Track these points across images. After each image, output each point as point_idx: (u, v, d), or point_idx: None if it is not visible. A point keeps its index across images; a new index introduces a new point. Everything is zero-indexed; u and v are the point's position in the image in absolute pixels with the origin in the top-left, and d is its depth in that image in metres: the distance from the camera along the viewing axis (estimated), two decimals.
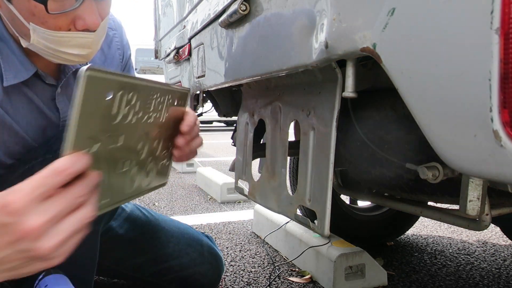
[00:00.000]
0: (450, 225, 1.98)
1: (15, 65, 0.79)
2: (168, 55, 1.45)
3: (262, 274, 1.41)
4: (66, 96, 0.91)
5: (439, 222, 2.03)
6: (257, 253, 1.61)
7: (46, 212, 0.44)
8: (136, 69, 9.20)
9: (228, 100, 1.39)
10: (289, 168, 1.64)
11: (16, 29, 0.76)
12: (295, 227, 1.55)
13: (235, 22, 0.83)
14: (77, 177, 0.46)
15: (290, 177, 1.65)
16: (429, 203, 0.97)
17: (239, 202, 2.56)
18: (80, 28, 0.73)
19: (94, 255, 0.96)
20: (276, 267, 1.46)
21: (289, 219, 1.60)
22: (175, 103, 0.71)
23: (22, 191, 0.43)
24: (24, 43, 0.77)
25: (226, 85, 0.97)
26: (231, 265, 1.49)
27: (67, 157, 0.45)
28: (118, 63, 1.05)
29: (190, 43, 1.22)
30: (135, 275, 1.19)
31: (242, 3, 0.76)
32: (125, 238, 1.15)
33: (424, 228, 1.98)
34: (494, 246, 1.71)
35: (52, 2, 0.68)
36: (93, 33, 0.75)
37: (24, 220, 0.42)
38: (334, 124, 0.64)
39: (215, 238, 1.81)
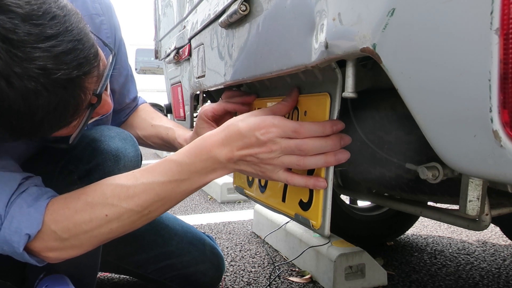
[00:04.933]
0: (450, 225, 1.98)
1: None
2: (168, 55, 1.46)
3: (262, 274, 1.41)
4: None
5: (439, 222, 2.03)
6: (257, 253, 1.61)
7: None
8: (136, 69, 9.17)
9: None
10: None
11: None
12: (295, 227, 1.55)
13: (235, 22, 0.83)
14: None
15: None
16: (429, 203, 0.97)
17: (239, 202, 2.56)
18: (95, 117, 0.75)
19: (96, 255, 0.96)
20: (276, 267, 1.46)
21: (289, 219, 1.60)
22: None
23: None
24: None
25: (226, 85, 0.97)
26: (231, 265, 1.49)
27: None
28: (108, 52, 1.03)
29: (190, 44, 1.22)
30: (137, 271, 1.20)
31: (242, 3, 0.76)
32: (128, 234, 1.15)
33: (424, 228, 1.98)
34: (493, 246, 1.71)
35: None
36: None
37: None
38: None
39: (215, 238, 1.81)
